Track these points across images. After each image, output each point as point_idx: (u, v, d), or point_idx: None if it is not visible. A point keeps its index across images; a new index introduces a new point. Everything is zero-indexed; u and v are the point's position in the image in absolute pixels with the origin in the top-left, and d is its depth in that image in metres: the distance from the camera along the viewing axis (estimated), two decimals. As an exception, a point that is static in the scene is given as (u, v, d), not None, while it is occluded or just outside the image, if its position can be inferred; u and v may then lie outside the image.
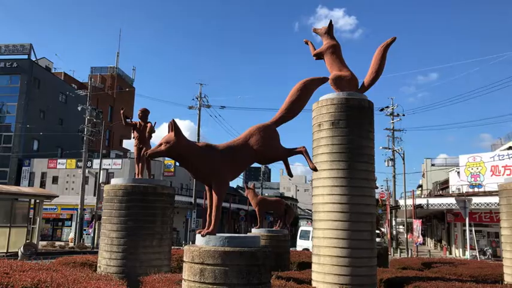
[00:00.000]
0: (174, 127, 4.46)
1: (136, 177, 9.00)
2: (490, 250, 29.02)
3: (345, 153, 7.06)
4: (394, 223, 39.39)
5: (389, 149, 37.50)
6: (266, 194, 60.26)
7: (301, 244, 24.29)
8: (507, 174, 29.95)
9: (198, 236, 4.49)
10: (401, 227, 48.96)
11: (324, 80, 5.78)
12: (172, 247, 10.52)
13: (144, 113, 9.17)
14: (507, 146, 35.42)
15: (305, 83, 5.40)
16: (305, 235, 25.06)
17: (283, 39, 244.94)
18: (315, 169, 5.16)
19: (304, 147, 4.92)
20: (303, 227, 31.59)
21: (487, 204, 27.50)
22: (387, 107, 37.36)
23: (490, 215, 29.10)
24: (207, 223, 4.54)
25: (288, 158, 5.06)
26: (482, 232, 31.39)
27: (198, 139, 32.81)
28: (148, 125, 9.07)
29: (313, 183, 7.58)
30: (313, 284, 7.02)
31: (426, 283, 6.98)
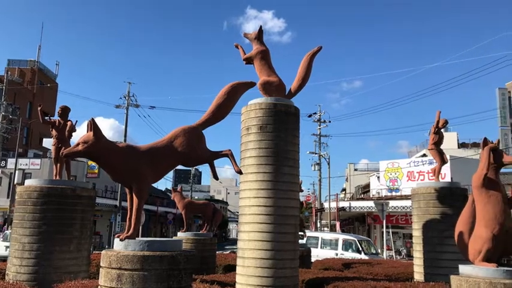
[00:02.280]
0: (93, 126, 4.26)
1: (54, 178, 8.47)
2: (404, 250, 31.12)
3: (272, 157, 7.19)
4: (319, 225, 40.91)
5: (316, 153, 38.94)
6: (196, 197, 59.75)
7: None
8: (421, 180, 32.35)
9: (116, 241, 4.33)
10: (326, 229, 50.89)
11: (251, 84, 5.85)
12: (95, 252, 10.04)
13: (64, 111, 8.68)
14: (421, 153, 38.31)
15: (232, 87, 5.43)
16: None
17: (211, 39, 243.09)
18: (239, 172, 5.20)
19: (230, 150, 4.94)
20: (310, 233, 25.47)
21: (403, 208, 29.45)
22: (315, 113, 38.79)
23: (406, 217, 31.22)
24: (126, 227, 4.39)
25: (216, 161, 5.06)
26: (398, 233, 33.63)
27: (125, 139, 31.70)
28: (69, 123, 8.59)
29: (240, 186, 7.63)
30: (237, 286, 7.05)
31: (344, 283, 7.30)
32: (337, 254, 18.63)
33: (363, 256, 18.10)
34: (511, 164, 5.30)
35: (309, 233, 24.65)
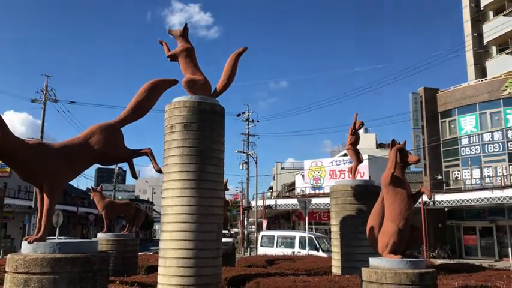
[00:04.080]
0: (-2, 122, 3.96)
1: (-45, 177, 7.73)
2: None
3: (196, 156, 7.16)
4: (246, 223, 41.38)
5: (244, 152, 39.36)
6: (120, 197, 57.56)
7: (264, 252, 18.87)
8: (342, 178, 33.94)
9: (24, 243, 4.07)
10: (253, 226, 51.65)
11: (173, 82, 5.78)
12: (5, 256, 9.29)
13: (-31, 104, 7.96)
14: (343, 152, 40.24)
15: (153, 84, 5.34)
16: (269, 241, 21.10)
17: (134, 30, 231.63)
18: (159, 171, 5.14)
19: (149, 148, 4.86)
20: (265, 232, 25.27)
21: (326, 205, 30.75)
22: (243, 112, 39.19)
23: (328, 214, 32.62)
24: (36, 229, 4.14)
25: (141, 159, 4.95)
26: (321, 230, 35.05)
27: (42, 136, 29.71)
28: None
29: (164, 186, 7.49)
30: (159, 287, 6.93)
31: (266, 279, 7.48)
32: (294, 253, 17.94)
33: (320, 253, 17.33)
34: (415, 163, 5.78)
35: (264, 232, 24.37)
